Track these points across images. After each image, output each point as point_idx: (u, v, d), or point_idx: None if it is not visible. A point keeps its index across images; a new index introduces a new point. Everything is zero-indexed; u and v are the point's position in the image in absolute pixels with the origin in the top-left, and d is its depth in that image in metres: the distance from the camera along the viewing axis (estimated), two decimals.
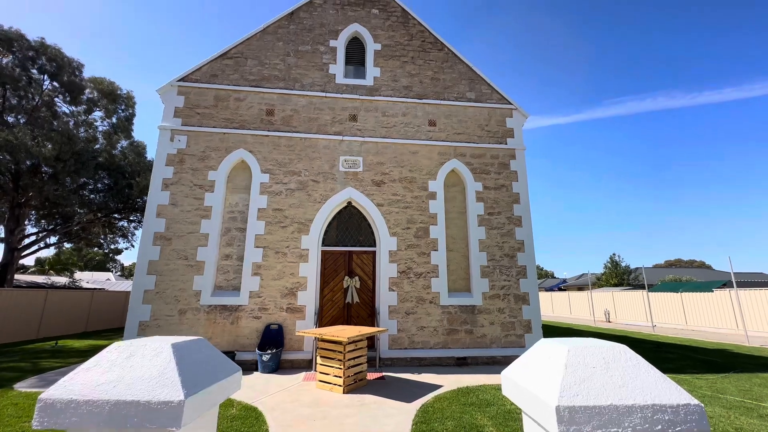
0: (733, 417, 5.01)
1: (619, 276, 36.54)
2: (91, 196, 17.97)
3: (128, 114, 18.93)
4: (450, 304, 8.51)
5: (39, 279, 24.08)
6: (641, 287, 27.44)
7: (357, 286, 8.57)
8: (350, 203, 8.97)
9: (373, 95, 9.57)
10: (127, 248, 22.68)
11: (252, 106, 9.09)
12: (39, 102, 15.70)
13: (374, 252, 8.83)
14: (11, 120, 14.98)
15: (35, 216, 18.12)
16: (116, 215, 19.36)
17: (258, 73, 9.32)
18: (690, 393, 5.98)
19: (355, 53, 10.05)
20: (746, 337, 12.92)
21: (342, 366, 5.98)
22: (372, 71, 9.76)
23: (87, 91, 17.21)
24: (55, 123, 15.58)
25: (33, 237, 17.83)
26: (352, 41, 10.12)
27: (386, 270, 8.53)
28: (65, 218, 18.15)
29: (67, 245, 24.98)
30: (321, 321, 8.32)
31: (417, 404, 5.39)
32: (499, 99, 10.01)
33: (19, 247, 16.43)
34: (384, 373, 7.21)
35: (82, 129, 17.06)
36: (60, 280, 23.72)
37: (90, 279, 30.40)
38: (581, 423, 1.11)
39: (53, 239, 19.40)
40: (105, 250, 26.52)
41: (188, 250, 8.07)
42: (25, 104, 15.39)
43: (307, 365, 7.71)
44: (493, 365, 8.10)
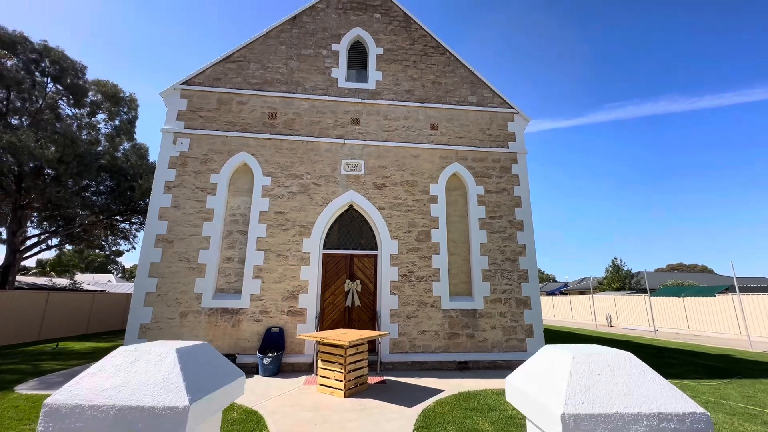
0: (737, 423, 4.98)
1: (621, 280, 36.39)
2: (93, 198, 18.01)
3: (131, 116, 18.99)
4: (451, 308, 8.49)
5: (40, 281, 24.11)
6: (643, 291, 27.33)
7: (358, 290, 8.56)
8: (352, 206, 8.98)
9: (375, 99, 9.60)
10: (129, 250, 22.65)
11: (254, 110, 9.13)
12: (42, 104, 15.79)
13: (375, 255, 8.83)
14: (15, 122, 15.05)
15: (37, 218, 18.16)
16: (118, 217, 19.39)
17: (261, 77, 9.37)
18: (693, 399, 5.94)
19: (357, 57, 10.10)
20: (749, 343, 12.85)
21: (343, 370, 5.96)
22: (374, 75, 9.80)
23: (90, 94, 17.29)
24: (59, 125, 15.64)
25: (35, 239, 17.87)
26: (355, 45, 10.18)
27: (387, 273, 8.53)
28: (67, 220, 18.17)
29: (69, 247, 25.00)
30: (322, 324, 8.31)
31: (418, 409, 5.36)
32: (501, 103, 10.04)
33: (21, 249, 16.46)
34: (385, 377, 7.18)
35: (85, 131, 17.13)
36: (61, 282, 23.75)
37: (91, 281, 30.44)
38: (587, 431, 1.11)
39: (55, 241, 19.42)
40: (106, 252, 26.54)
41: (190, 253, 8.08)
42: (29, 106, 15.47)
43: (308, 369, 7.69)
44: (495, 369, 8.07)
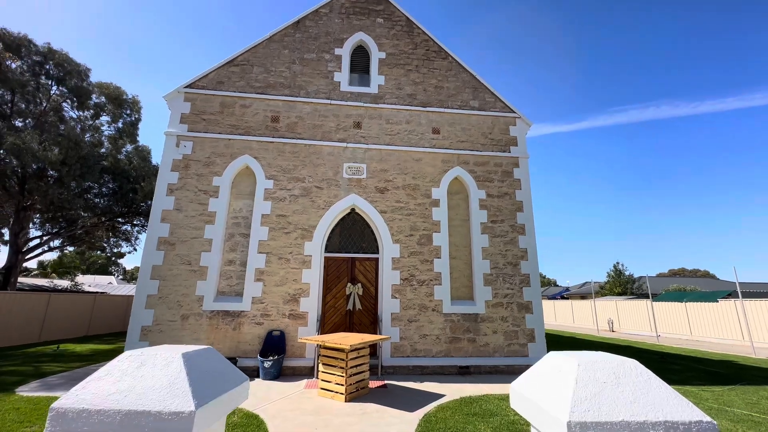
0: (741, 431, 4.94)
1: (623, 285, 36.26)
2: (96, 200, 18.09)
3: (134, 118, 19.10)
4: (453, 312, 8.48)
5: (42, 282, 24.16)
6: (645, 296, 27.23)
7: (359, 293, 8.56)
8: (354, 210, 8.99)
9: (378, 103, 9.64)
10: (130, 252, 22.71)
11: (257, 113, 9.17)
12: (46, 107, 15.89)
13: (377, 259, 8.82)
14: (19, 124, 15.15)
15: (39, 219, 18.22)
16: (120, 219, 19.45)
17: (264, 81, 9.42)
18: (696, 405, 5.91)
19: (360, 61, 10.15)
20: (752, 349, 12.77)
21: (344, 374, 5.94)
22: (376, 79, 9.85)
23: (94, 96, 17.41)
24: (62, 127, 15.73)
25: (37, 240, 17.92)
26: (357, 49, 10.23)
27: (389, 277, 8.52)
28: (69, 222, 18.23)
29: (71, 249, 25.06)
30: (323, 328, 8.29)
31: (419, 414, 5.34)
32: (503, 107, 10.06)
33: (23, 250, 16.51)
34: (386, 381, 7.16)
35: (88, 134, 17.22)
36: (62, 284, 23.79)
37: (92, 282, 30.48)
38: None
39: (57, 242, 19.48)
40: (107, 254, 26.60)
41: (192, 256, 8.09)
42: (33, 109, 15.58)
43: (309, 372, 7.67)
44: (496, 374, 8.04)
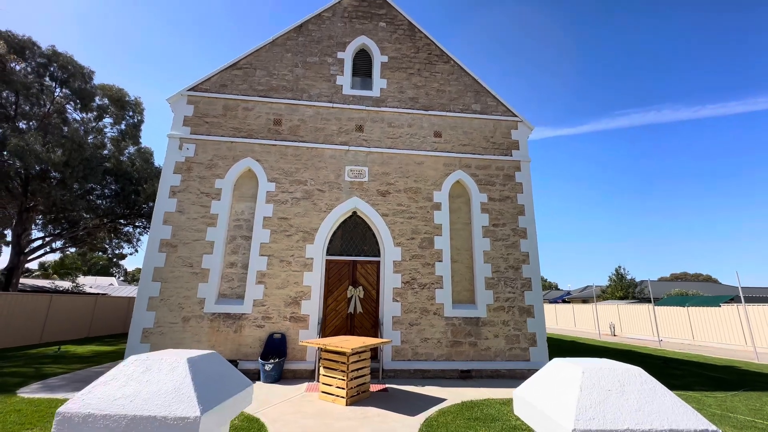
0: None
1: (625, 289, 36.14)
2: (98, 202, 18.12)
3: (136, 120, 19.17)
4: (454, 316, 8.46)
5: (43, 283, 24.20)
6: (647, 300, 27.11)
7: (361, 296, 8.55)
8: (355, 213, 9.00)
9: (380, 106, 9.67)
10: (132, 254, 22.76)
11: (260, 116, 9.21)
12: (50, 109, 15.98)
13: (378, 262, 8.82)
14: (23, 126, 15.23)
15: (42, 221, 18.28)
16: (122, 221, 19.49)
17: (266, 84, 9.46)
18: (699, 411, 5.85)
19: (362, 65, 10.20)
20: (755, 354, 12.70)
21: (345, 377, 5.93)
22: (378, 83, 9.89)
23: (97, 98, 17.50)
24: (66, 129, 15.81)
25: (39, 241, 17.97)
26: (360, 53, 10.28)
27: (390, 280, 8.51)
28: (71, 223, 18.27)
29: (72, 250, 25.12)
30: (324, 331, 8.28)
31: (421, 418, 5.32)
32: (505, 111, 10.09)
33: (26, 251, 16.55)
34: (387, 385, 7.14)
35: (91, 136, 17.30)
36: (63, 285, 23.81)
37: (93, 284, 30.50)
38: None
39: (59, 243, 19.53)
40: (109, 255, 26.64)
41: (193, 258, 8.10)
42: (37, 111, 15.67)
43: (310, 376, 7.65)
44: (498, 378, 8.01)
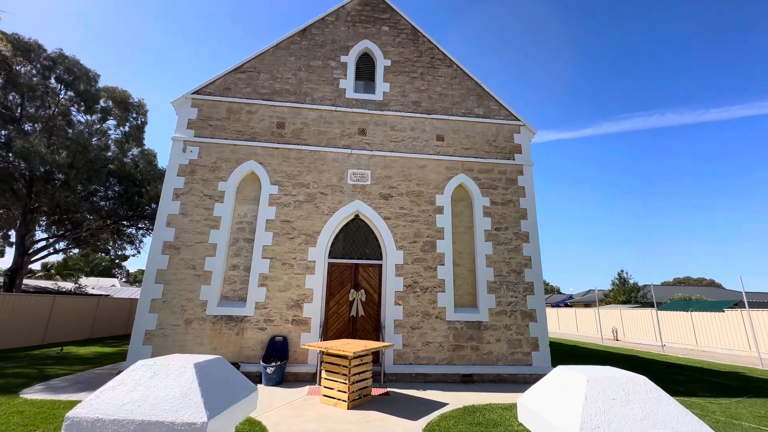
0: None
1: (627, 293, 35.96)
2: (101, 203, 18.22)
3: (140, 122, 19.28)
4: (456, 320, 8.44)
5: (46, 284, 24.28)
6: (650, 305, 26.98)
7: (363, 300, 8.55)
8: (357, 216, 9.02)
9: (382, 110, 9.70)
10: (134, 255, 22.83)
11: (263, 119, 9.26)
12: (55, 111, 16.11)
13: (380, 265, 8.83)
14: (28, 128, 15.35)
15: (46, 222, 18.39)
16: (125, 222, 19.58)
17: (270, 87, 9.52)
18: (703, 418, 5.80)
19: (365, 69, 10.25)
20: (759, 360, 12.60)
21: (347, 381, 5.93)
22: (381, 86, 9.93)
23: (101, 101, 17.64)
24: (70, 131, 15.93)
25: (43, 242, 18.06)
26: (363, 57, 10.33)
27: (392, 283, 8.51)
28: (75, 224, 18.36)
29: (76, 251, 25.22)
30: (326, 334, 8.28)
31: (422, 422, 5.31)
32: (507, 115, 10.10)
33: (29, 252, 16.64)
34: (389, 389, 7.12)
35: (96, 137, 17.42)
36: (66, 286, 23.89)
37: (95, 285, 30.57)
38: None
39: (62, 245, 19.63)
40: (111, 257, 26.73)
41: (196, 260, 8.13)
42: (42, 113, 15.80)
43: (312, 379, 7.65)
44: (500, 383, 7.97)
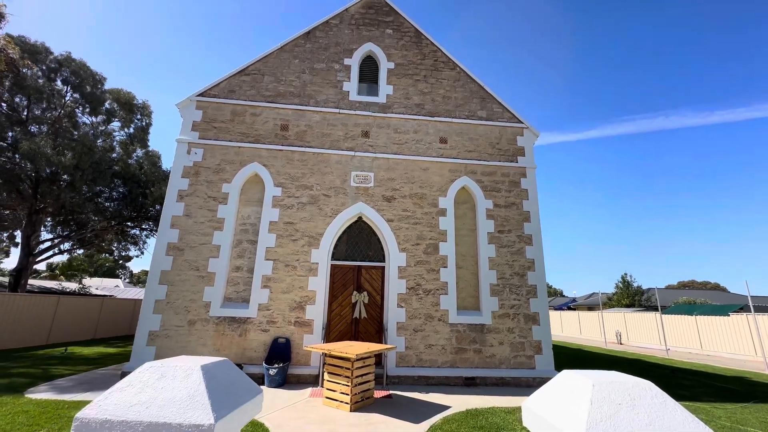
0: None
1: (631, 296, 35.74)
2: (106, 204, 18.34)
3: (144, 124, 19.41)
4: (459, 323, 8.42)
5: (50, 284, 24.43)
6: (653, 309, 26.80)
7: (365, 302, 8.55)
8: (360, 218, 9.03)
9: (386, 112, 9.73)
10: (138, 256, 22.97)
11: (267, 121, 9.31)
12: (61, 113, 16.26)
13: (383, 267, 8.83)
14: (34, 130, 15.51)
15: (51, 223, 18.53)
16: (129, 223, 19.71)
17: (274, 90, 9.57)
18: (709, 424, 5.76)
19: (369, 71, 10.28)
20: (765, 365, 12.48)
21: (349, 383, 5.92)
22: (385, 89, 9.96)
23: (107, 103, 17.79)
24: (76, 133, 16.08)
25: (48, 243, 18.20)
26: (366, 60, 10.37)
27: (395, 286, 8.51)
28: (80, 225, 18.51)
29: (80, 251, 25.39)
30: (328, 336, 8.28)
31: (425, 426, 5.29)
32: (510, 118, 10.10)
33: (35, 253, 16.77)
34: (391, 392, 7.11)
35: (101, 139, 17.57)
36: (70, 286, 24.03)
37: (99, 285, 30.73)
38: None
39: (67, 245, 19.77)
40: (115, 257, 26.87)
41: (200, 261, 8.17)
42: (48, 115, 15.95)
43: (314, 381, 7.65)
44: (503, 386, 7.94)
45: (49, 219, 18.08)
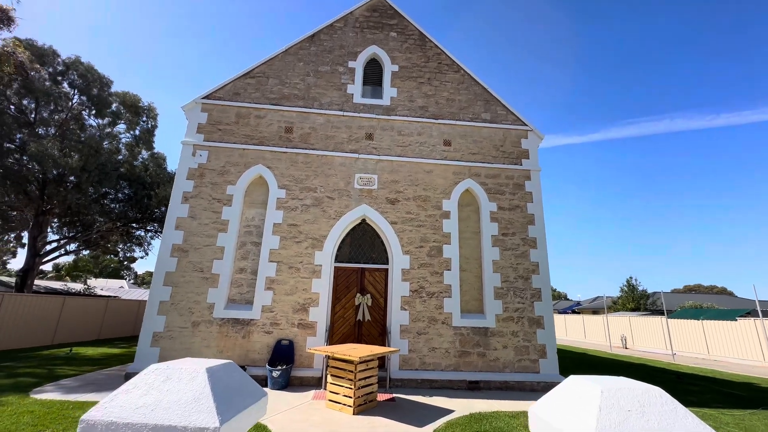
0: None
1: (636, 300, 35.41)
2: (112, 206, 18.50)
3: (150, 126, 19.56)
4: (462, 326, 8.38)
5: (56, 285, 24.62)
6: (659, 313, 26.53)
7: (369, 304, 8.53)
8: (364, 220, 9.03)
9: (390, 115, 9.74)
10: (142, 257, 23.11)
11: (272, 124, 9.35)
12: (68, 115, 16.43)
13: (387, 270, 8.81)
14: (42, 132, 15.68)
15: (57, 224, 18.70)
16: (134, 224, 19.84)
17: (278, 92, 9.62)
18: (718, 430, 5.67)
19: (373, 74, 10.31)
20: None
21: (352, 386, 5.90)
22: (389, 91, 9.97)
23: (113, 105, 17.96)
24: (83, 135, 16.24)
25: (54, 244, 18.36)
26: (370, 62, 10.40)
27: (398, 288, 8.49)
28: (85, 226, 18.66)
29: (86, 252, 25.58)
30: (332, 338, 8.27)
31: (428, 429, 5.26)
32: (515, 120, 10.08)
33: (41, 254, 16.91)
34: (394, 395, 7.08)
35: (107, 141, 17.73)
36: (75, 287, 24.21)
37: (104, 286, 30.93)
38: None
39: (73, 246, 19.94)
40: (120, 258, 27.04)
41: (204, 263, 8.19)
42: (55, 117, 16.13)
43: (317, 383, 7.63)
44: (507, 390, 7.88)
45: (56, 220, 18.24)
